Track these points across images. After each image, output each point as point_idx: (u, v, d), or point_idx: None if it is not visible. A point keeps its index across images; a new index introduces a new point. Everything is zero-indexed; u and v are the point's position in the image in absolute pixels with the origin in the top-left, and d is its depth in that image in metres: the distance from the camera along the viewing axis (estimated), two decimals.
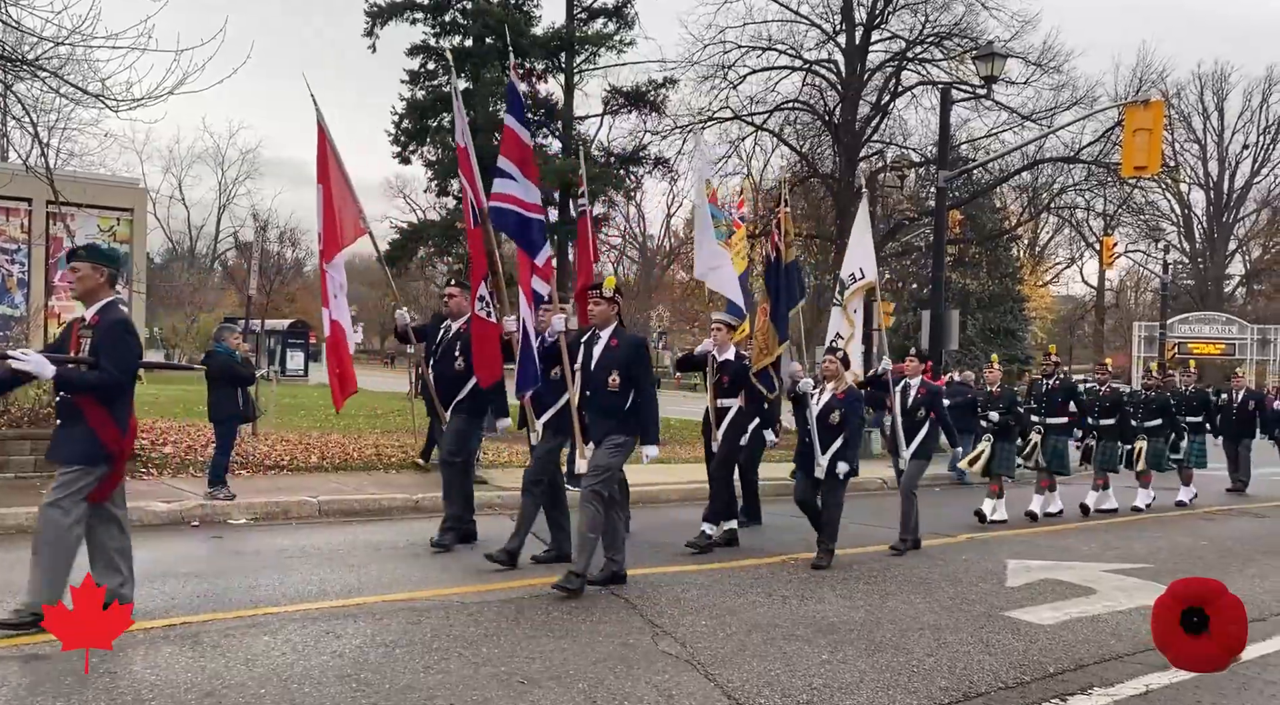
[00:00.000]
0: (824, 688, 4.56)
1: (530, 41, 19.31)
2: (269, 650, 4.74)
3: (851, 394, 7.70)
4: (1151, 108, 14.29)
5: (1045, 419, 10.77)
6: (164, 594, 5.59)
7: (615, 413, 6.32)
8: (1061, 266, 55.17)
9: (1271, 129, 49.70)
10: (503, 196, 7.05)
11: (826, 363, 7.78)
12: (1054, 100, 22.49)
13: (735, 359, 8.35)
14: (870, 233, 10.02)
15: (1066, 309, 57.54)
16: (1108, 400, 11.66)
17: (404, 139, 19.99)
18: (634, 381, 6.32)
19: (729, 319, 8.51)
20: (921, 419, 8.66)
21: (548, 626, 5.39)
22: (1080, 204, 27.88)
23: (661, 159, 21.50)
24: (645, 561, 7.28)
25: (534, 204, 7.13)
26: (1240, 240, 53.23)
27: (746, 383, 8.28)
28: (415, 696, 4.19)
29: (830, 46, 23.22)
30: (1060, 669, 5.05)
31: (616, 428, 6.32)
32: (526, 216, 7.07)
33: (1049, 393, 10.93)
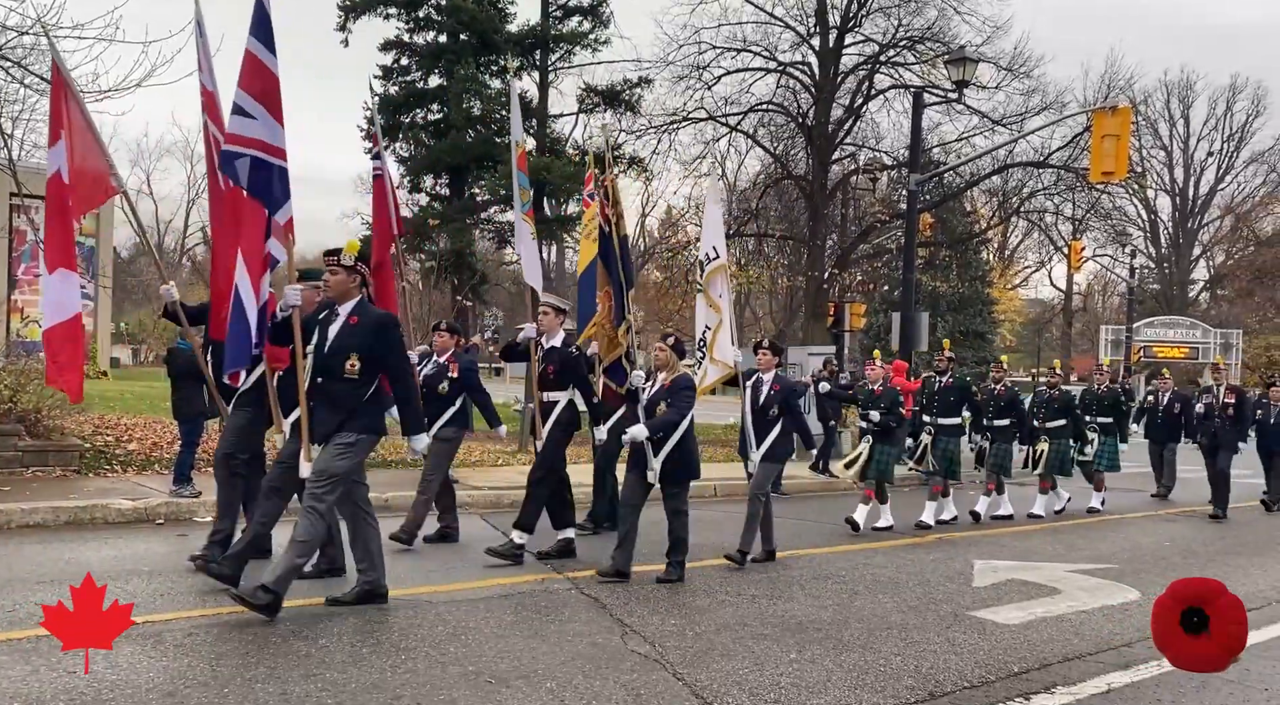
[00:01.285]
0: (791, 687, 4.58)
1: (505, 38, 19.23)
2: (233, 649, 4.69)
3: (680, 382, 6.82)
4: (1119, 114, 14.48)
5: (936, 419, 10.13)
6: (127, 592, 5.51)
7: (347, 405, 5.32)
8: (1030, 270, 55.82)
9: (1235, 137, 50.66)
10: (240, 139, 5.66)
11: (658, 351, 7.01)
12: (1024, 105, 22.78)
13: (563, 346, 7.48)
14: (720, 211, 9.32)
15: (1035, 312, 58.23)
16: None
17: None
18: (382, 367, 5.43)
19: (556, 302, 7.68)
20: (774, 418, 7.66)
21: (516, 626, 5.38)
22: (1049, 208, 28.14)
23: (636, 158, 21.50)
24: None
25: (278, 147, 5.74)
26: (1204, 246, 54.18)
27: (577, 374, 7.42)
28: (381, 696, 4.15)
29: (804, 49, 23.35)
30: (1024, 668, 5.10)
31: (347, 423, 5.32)
32: (268, 162, 5.70)
33: (942, 392, 10.29)
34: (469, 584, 6.29)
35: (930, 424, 10.12)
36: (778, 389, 7.73)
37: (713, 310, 8.82)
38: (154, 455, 10.45)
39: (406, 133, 19.59)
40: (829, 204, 24.28)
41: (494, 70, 19.78)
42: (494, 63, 19.75)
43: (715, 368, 8.76)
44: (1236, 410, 11.89)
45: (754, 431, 7.74)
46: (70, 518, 7.77)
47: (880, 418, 9.44)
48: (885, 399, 9.53)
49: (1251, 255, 51.10)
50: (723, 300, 8.88)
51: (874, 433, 9.55)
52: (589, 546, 7.80)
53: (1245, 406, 12.12)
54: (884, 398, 9.55)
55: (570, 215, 21.29)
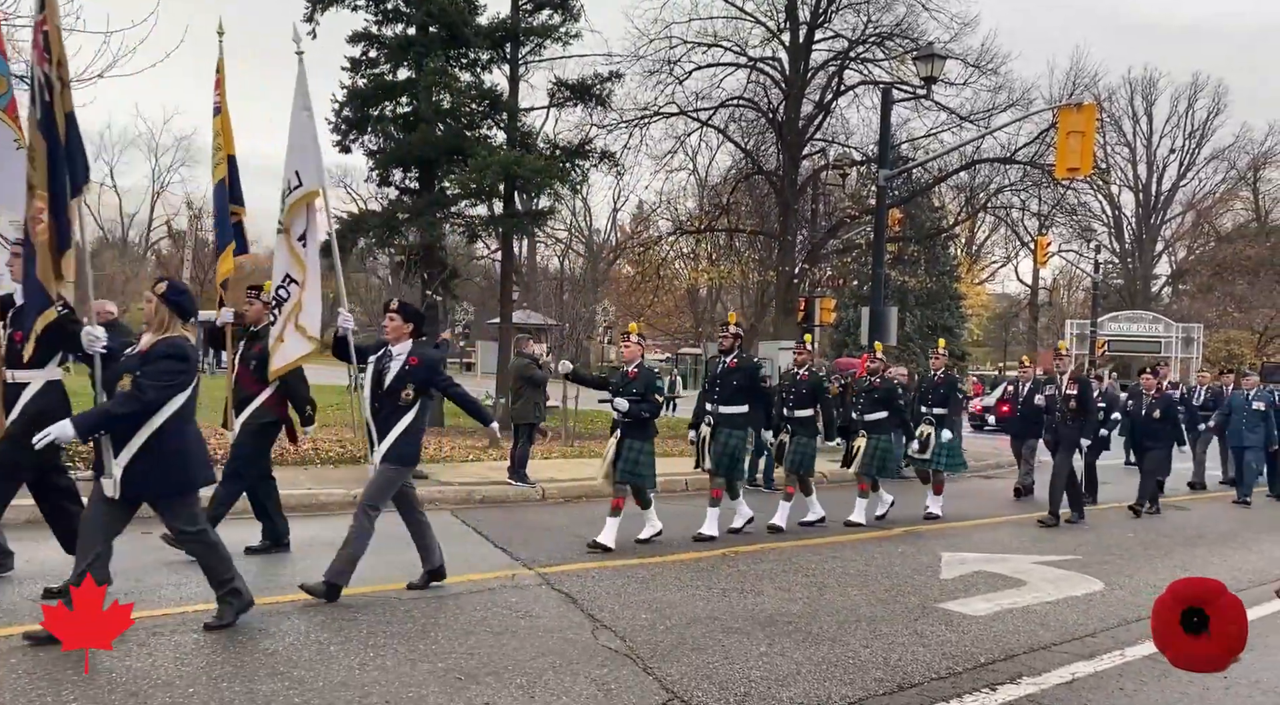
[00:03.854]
0: (761, 680, 4.60)
1: (474, 31, 19.08)
2: (198, 648, 4.63)
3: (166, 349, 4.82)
4: (1084, 111, 14.66)
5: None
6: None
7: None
8: (997, 265, 56.48)
9: (1196, 134, 51.49)
10: None
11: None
12: (991, 102, 23.02)
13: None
14: (313, 132, 6.98)
15: (1002, 307, 58.89)
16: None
17: (344, 127, 19.60)
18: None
19: None
20: (406, 404, 5.97)
21: (486, 622, 5.36)
22: (1016, 204, 28.50)
23: (607, 153, 21.44)
24: (587, 557, 7.27)
25: None
26: (1167, 241, 55.04)
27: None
28: (350, 693, 4.12)
29: (775, 44, 23.42)
30: (991, 659, 5.16)
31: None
32: None
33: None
34: (438, 580, 6.25)
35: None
36: (415, 363, 5.98)
37: (295, 262, 6.86)
38: None
39: (375, 126, 19.39)
40: (799, 199, 24.39)
41: (464, 63, 19.63)
42: (464, 56, 19.60)
43: (298, 339, 6.85)
44: (1080, 402, 10.30)
45: (376, 423, 5.98)
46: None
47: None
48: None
49: (1212, 251, 52.04)
50: (308, 252, 6.88)
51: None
52: (556, 541, 7.80)
53: (1089, 398, 10.45)
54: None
55: (541, 210, 21.21)
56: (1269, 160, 51.54)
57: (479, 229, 21.11)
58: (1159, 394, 11.81)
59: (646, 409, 7.74)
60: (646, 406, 7.74)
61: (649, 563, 7.20)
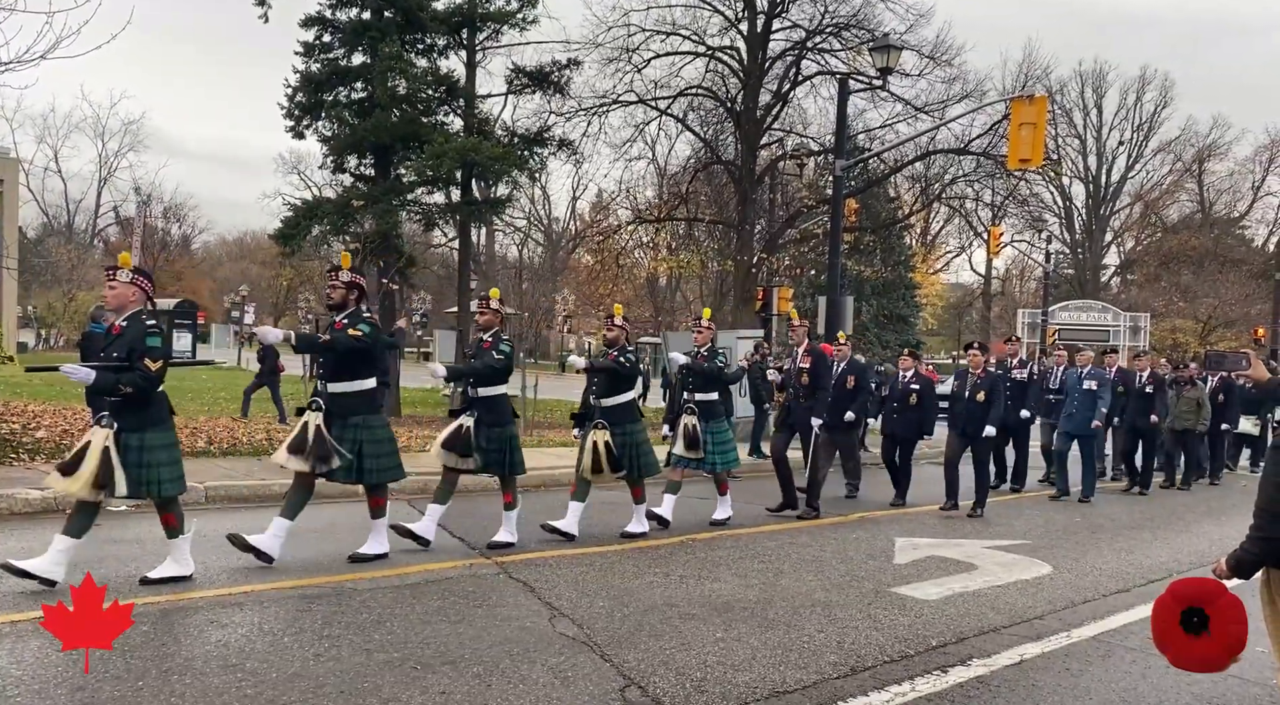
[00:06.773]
0: (717, 665, 4.64)
1: (430, 16, 18.87)
2: (148, 641, 4.56)
3: None
4: (1036, 103, 14.87)
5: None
6: (34, 584, 5.31)
7: None
8: (951, 255, 57.28)
9: (1144, 126, 52.60)
10: None
11: None
12: (945, 93, 23.33)
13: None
14: None
15: (956, 296, 59.77)
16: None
17: (298, 113, 19.31)
18: None
19: None
20: None
21: (443, 611, 5.34)
22: (969, 195, 28.91)
23: (566, 141, 21.37)
24: (545, 545, 7.27)
25: None
26: (1116, 232, 56.24)
27: None
28: (304, 685, 4.09)
29: (733, 33, 23.49)
30: (942, 642, 5.26)
31: None
32: None
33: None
34: (394, 571, 6.22)
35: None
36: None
37: None
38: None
39: (329, 111, 19.12)
40: (757, 189, 24.51)
41: (420, 49, 19.42)
42: (420, 41, 19.39)
43: None
44: (813, 377, 9.08)
45: None
46: (25, 508, 7.44)
47: None
48: None
49: (1159, 241, 53.23)
50: None
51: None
52: None
53: (823, 374, 9.23)
54: None
55: (499, 198, 21.07)
56: (1213, 153, 52.87)
57: (436, 217, 20.92)
58: (984, 373, 10.11)
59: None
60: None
61: (607, 551, 7.22)
